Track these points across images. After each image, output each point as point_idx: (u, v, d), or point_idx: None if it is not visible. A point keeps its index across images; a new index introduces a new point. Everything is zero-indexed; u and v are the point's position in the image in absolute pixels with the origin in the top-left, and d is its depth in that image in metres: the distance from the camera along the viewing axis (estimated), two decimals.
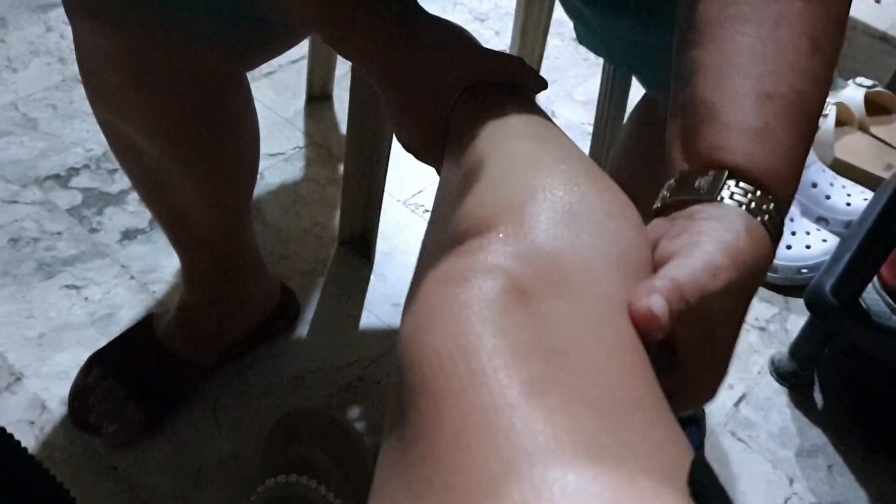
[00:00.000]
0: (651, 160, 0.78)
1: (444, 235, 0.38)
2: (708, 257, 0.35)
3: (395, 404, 0.32)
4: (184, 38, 0.59)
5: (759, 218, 0.38)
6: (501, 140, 0.43)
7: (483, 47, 0.54)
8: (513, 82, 0.53)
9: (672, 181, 0.41)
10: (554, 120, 1.44)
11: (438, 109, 0.52)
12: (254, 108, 0.75)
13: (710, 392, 0.39)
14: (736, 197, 0.38)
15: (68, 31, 0.62)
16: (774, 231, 0.39)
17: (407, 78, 0.52)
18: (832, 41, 0.42)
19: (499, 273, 0.32)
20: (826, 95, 0.42)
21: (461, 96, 0.51)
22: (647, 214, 0.45)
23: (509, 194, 0.37)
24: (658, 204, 0.42)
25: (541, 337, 0.30)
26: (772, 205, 0.38)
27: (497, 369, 0.29)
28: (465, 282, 0.32)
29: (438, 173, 0.56)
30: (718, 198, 0.38)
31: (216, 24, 0.59)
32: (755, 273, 0.37)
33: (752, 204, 0.38)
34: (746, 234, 0.37)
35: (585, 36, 0.74)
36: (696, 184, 0.39)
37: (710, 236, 0.36)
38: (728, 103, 0.40)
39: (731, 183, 0.38)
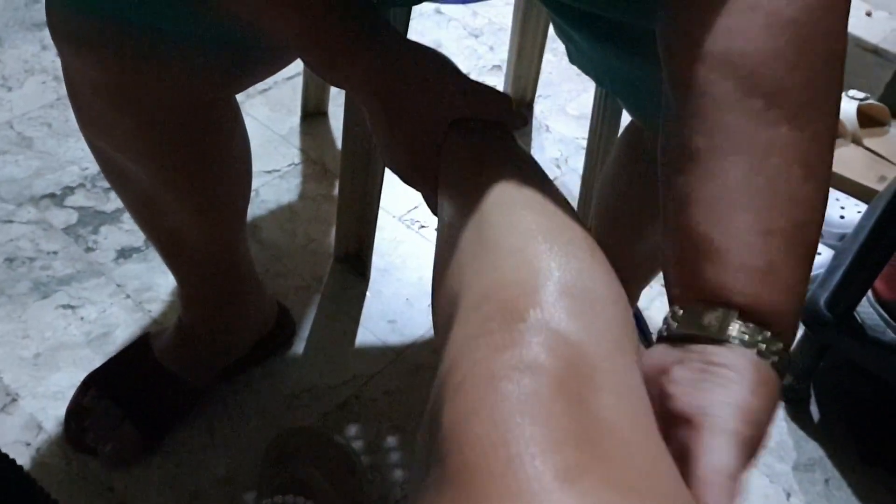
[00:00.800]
0: (638, 187, 0.79)
1: (467, 314, 0.40)
2: (740, 436, 0.37)
3: (428, 476, 0.35)
4: (170, 66, 0.59)
5: (769, 360, 0.39)
6: (510, 209, 0.44)
7: (469, 80, 0.55)
8: (497, 119, 0.54)
9: (677, 311, 0.42)
10: (548, 134, 1.43)
11: (427, 139, 0.52)
12: (244, 128, 0.75)
13: None
14: (746, 338, 0.39)
15: None
16: (782, 370, 0.40)
17: (395, 107, 0.53)
18: (823, 164, 0.42)
19: (537, 369, 0.34)
20: (823, 219, 0.43)
21: (450, 131, 0.52)
22: (638, 230, 0.46)
23: (527, 276, 0.39)
24: (664, 332, 0.42)
25: (575, 426, 0.33)
26: (780, 345, 0.40)
27: (534, 456, 0.31)
28: (505, 377, 0.34)
29: (425, 198, 0.57)
30: (728, 338, 0.39)
31: (203, 51, 0.60)
32: (767, 424, 0.39)
33: (762, 346, 0.39)
34: (761, 387, 0.38)
35: (576, 57, 0.74)
36: (705, 321, 0.40)
37: (731, 397, 0.38)
38: (730, 241, 0.41)
39: (740, 323, 0.40)
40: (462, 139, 0.52)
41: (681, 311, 0.42)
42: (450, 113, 0.53)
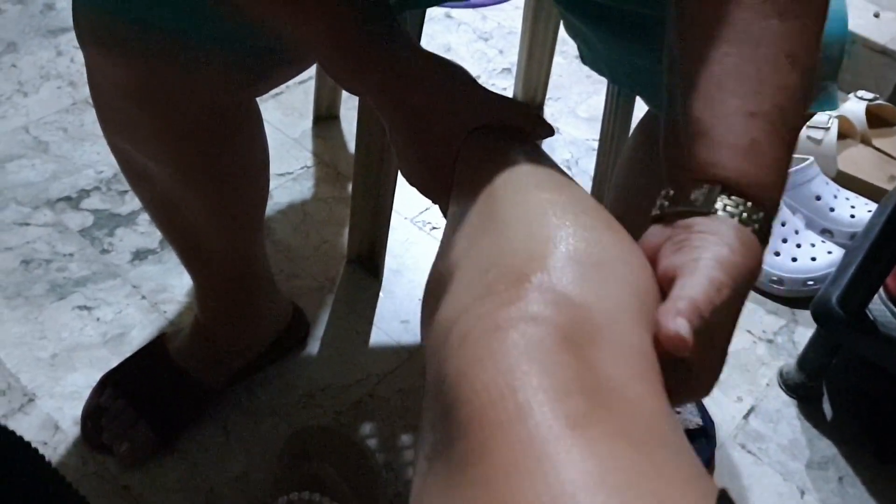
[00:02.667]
0: (655, 173, 0.79)
1: (472, 279, 0.40)
2: (711, 273, 0.39)
3: (436, 436, 0.35)
4: (194, 68, 0.60)
5: (750, 227, 0.42)
6: (522, 188, 0.45)
7: (488, 90, 0.56)
8: (519, 128, 0.55)
9: (669, 191, 0.45)
10: (559, 136, 1.44)
11: (445, 150, 0.53)
12: (263, 131, 0.76)
13: (707, 388, 0.43)
14: (729, 209, 0.42)
15: (79, 55, 0.63)
16: (764, 237, 0.43)
17: (416, 120, 0.53)
18: (809, 55, 0.46)
19: (542, 320, 0.35)
20: (806, 106, 0.47)
21: (468, 138, 0.53)
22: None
23: (536, 244, 0.40)
24: (657, 212, 0.45)
25: (582, 377, 0.33)
26: (761, 213, 0.43)
27: (542, 403, 0.31)
28: (511, 328, 0.35)
29: (442, 209, 0.57)
30: (713, 210, 0.42)
31: (226, 54, 0.61)
32: (749, 280, 0.41)
33: (744, 215, 0.42)
34: (741, 246, 0.41)
35: (589, 56, 0.75)
36: (692, 196, 0.43)
37: (709, 251, 0.40)
38: (718, 122, 0.44)
39: (724, 196, 0.43)
40: (479, 146, 0.53)
41: (671, 191, 0.45)
42: (469, 123, 0.53)
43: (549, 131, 0.57)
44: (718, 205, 0.42)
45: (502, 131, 0.54)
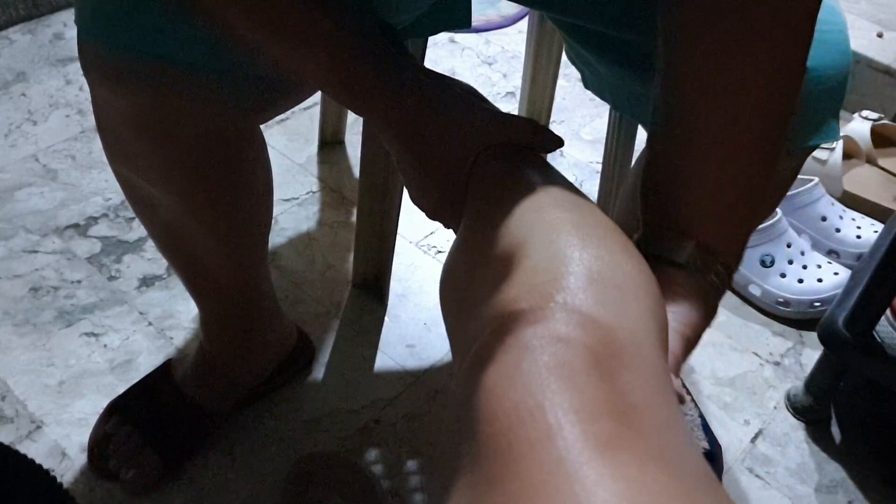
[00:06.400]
0: None
1: (494, 296, 0.41)
2: (682, 336, 0.47)
3: (460, 451, 0.35)
4: (198, 98, 0.61)
5: (712, 282, 0.49)
6: (541, 207, 0.46)
7: (496, 109, 0.56)
8: (528, 144, 0.55)
9: (645, 233, 0.52)
10: (563, 159, 1.44)
11: (456, 172, 0.53)
12: (267, 157, 0.77)
13: None
14: (698, 264, 0.49)
15: (87, 84, 0.64)
16: (723, 287, 0.51)
17: (424, 140, 0.53)
18: (782, 127, 0.51)
19: (571, 341, 0.35)
20: (770, 180, 0.52)
21: (478, 158, 0.53)
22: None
23: (558, 264, 0.40)
24: None
25: (611, 399, 0.33)
26: (724, 268, 0.50)
27: (573, 424, 0.31)
28: (540, 347, 0.35)
29: (455, 230, 0.57)
30: (685, 262, 0.49)
31: (229, 84, 0.61)
32: (702, 331, 0.49)
33: (710, 272, 0.49)
34: (704, 304, 0.48)
35: (592, 81, 0.75)
36: (668, 245, 0.50)
37: (679, 313, 0.48)
38: (699, 186, 0.50)
39: (695, 251, 0.49)
40: (490, 165, 0.53)
41: (649, 233, 0.51)
42: (479, 143, 0.54)
43: (559, 142, 0.57)
44: (690, 259, 0.49)
45: (513, 149, 0.54)
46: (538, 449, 0.31)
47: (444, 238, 1.18)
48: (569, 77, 1.47)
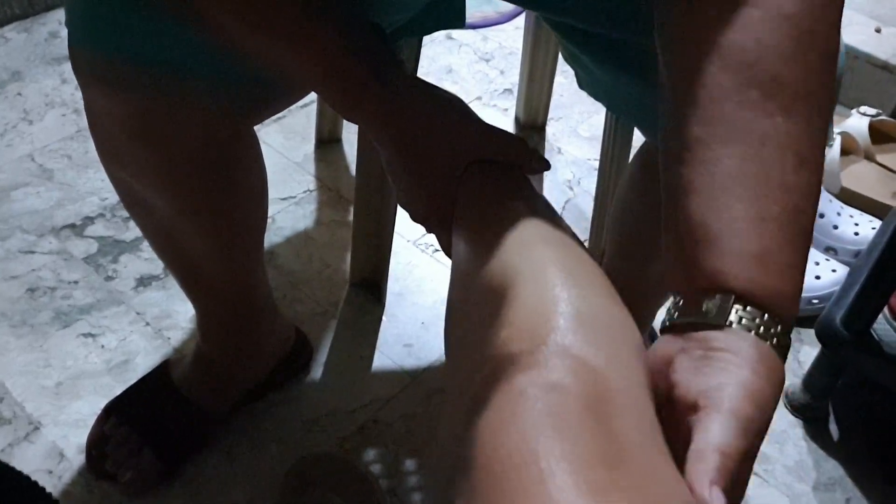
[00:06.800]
0: (653, 200, 0.80)
1: (486, 336, 0.41)
2: (739, 408, 0.37)
3: (454, 489, 0.36)
4: (191, 100, 0.61)
5: (768, 342, 0.39)
6: (528, 243, 0.46)
7: (483, 123, 0.56)
8: (517, 163, 0.55)
9: (678, 300, 0.43)
10: (560, 156, 1.44)
11: (445, 179, 0.53)
12: (261, 158, 0.77)
13: None
14: (745, 322, 0.39)
15: None
16: (784, 352, 0.40)
17: (414, 147, 0.54)
18: (817, 153, 0.43)
19: (563, 388, 0.36)
20: (817, 205, 0.43)
21: (465, 173, 0.53)
22: (653, 251, 0.47)
23: (547, 305, 0.40)
24: (667, 322, 0.43)
25: (602, 446, 0.34)
26: (779, 327, 0.40)
27: (565, 472, 0.32)
28: (534, 395, 0.35)
29: (439, 239, 0.58)
30: (728, 322, 0.39)
31: (222, 86, 0.61)
32: (774, 406, 0.39)
33: (761, 329, 0.39)
34: (763, 367, 0.38)
35: (587, 82, 0.75)
36: (704, 307, 0.40)
37: (733, 376, 0.38)
38: (725, 228, 0.41)
39: (738, 307, 0.40)
40: (478, 181, 0.53)
41: (681, 300, 0.42)
42: (467, 156, 0.54)
43: (546, 166, 0.57)
44: (733, 317, 0.39)
45: (500, 166, 0.55)
46: (532, 495, 0.31)
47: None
48: (566, 74, 1.47)
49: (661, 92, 0.47)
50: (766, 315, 0.40)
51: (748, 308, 0.40)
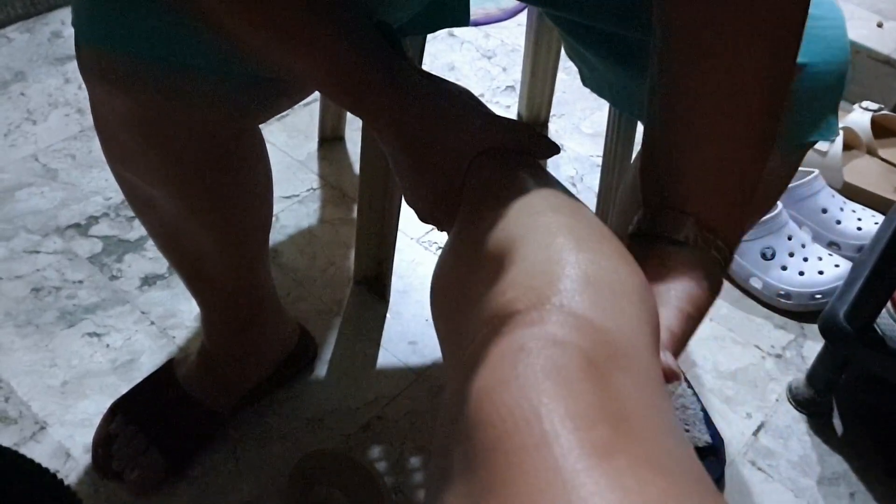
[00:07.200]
0: None
1: (489, 296, 0.41)
2: (682, 311, 0.47)
3: (456, 457, 0.35)
4: (196, 98, 0.61)
5: (712, 257, 0.50)
6: (537, 211, 0.46)
7: (493, 113, 0.56)
8: (525, 150, 0.55)
9: (646, 214, 0.52)
10: (564, 153, 1.44)
11: (450, 176, 0.53)
12: (266, 156, 0.77)
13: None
14: (697, 240, 0.49)
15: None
16: (726, 263, 0.51)
17: (420, 142, 0.53)
18: (779, 104, 0.51)
19: (566, 344, 0.35)
20: (770, 151, 0.52)
21: (474, 161, 0.53)
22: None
23: (554, 266, 0.40)
24: (633, 229, 0.52)
25: (606, 405, 0.33)
26: (724, 244, 0.50)
27: (569, 431, 0.31)
28: (536, 350, 0.35)
29: (447, 233, 0.57)
30: (683, 237, 0.49)
31: (227, 85, 0.61)
32: (709, 304, 0.49)
33: (711, 248, 0.49)
34: (704, 278, 0.48)
35: (590, 78, 0.75)
36: (667, 224, 0.50)
37: (679, 284, 0.48)
38: (694, 164, 0.51)
39: (694, 227, 0.50)
40: (485, 169, 0.53)
41: (650, 215, 0.52)
42: (475, 146, 0.54)
43: (555, 149, 0.57)
44: (690, 235, 0.49)
45: (508, 154, 0.54)
46: (534, 456, 0.31)
47: (445, 235, 1.18)
48: (569, 70, 1.47)
49: (651, 43, 0.53)
50: (714, 237, 0.50)
51: (702, 230, 0.50)
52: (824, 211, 1.17)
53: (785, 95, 0.51)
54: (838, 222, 1.17)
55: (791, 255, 1.11)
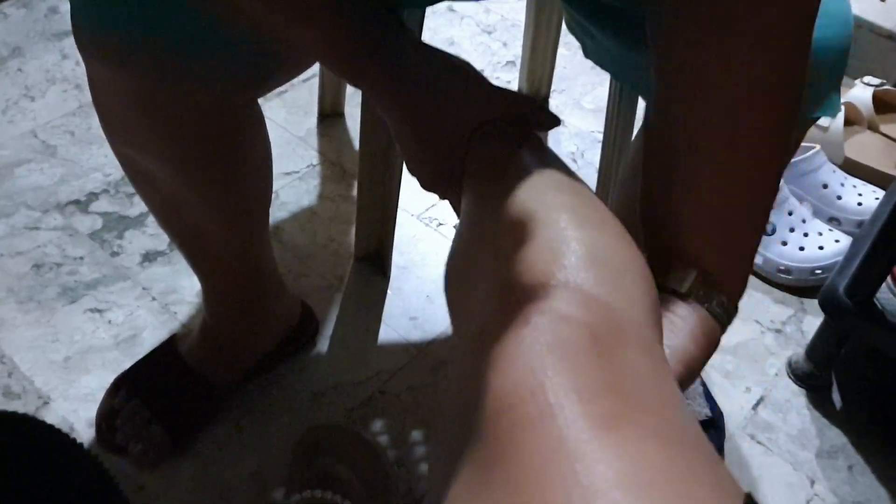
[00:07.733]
0: None
1: (495, 274, 0.41)
2: (674, 372, 0.46)
3: (460, 431, 0.35)
4: (194, 73, 0.61)
5: (714, 313, 0.49)
6: (540, 190, 0.47)
7: (492, 85, 0.56)
8: (527, 121, 0.55)
9: (649, 262, 0.51)
10: (564, 128, 1.44)
11: (453, 143, 0.53)
12: (266, 131, 0.77)
13: None
14: (700, 294, 0.49)
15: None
16: (728, 318, 0.51)
17: (421, 112, 0.53)
18: (782, 153, 0.51)
19: (572, 319, 0.36)
20: (772, 204, 0.53)
21: (475, 134, 0.53)
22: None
23: (559, 245, 0.41)
24: None
25: (610, 377, 0.33)
26: (725, 299, 0.50)
27: (574, 403, 0.32)
28: (541, 325, 0.36)
29: (452, 205, 0.58)
30: (688, 292, 0.49)
31: (226, 58, 0.61)
32: (702, 363, 0.49)
33: (713, 302, 0.50)
34: (702, 336, 0.48)
35: (592, 51, 0.75)
36: (671, 276, 0.50)
37: (673, 342, 0.47)
38: (697, 220, 0.51)
39: (698, 283, 0.49)
40: (488, 140, 0.53)
41: (654, 265, 0.50)
42: (477, 116, 0.54)
43: (556, 121, 0.57)
44: (693, 289, 0.49)
45: (510, 125, 0.54)
46: (539, 428, 0.31)
47: (446, 210, 1.18)
48: (569, 45, 1.46)
49: (652, 85, 0.52)
50: (720, 293, 0.50)
51: (706, 285, 0.49)
52: (825, 186, 1.17)
53: (787, 143, 0.51)
54: (839, 197, 1.17)
55: (791, 230, 1.11)
